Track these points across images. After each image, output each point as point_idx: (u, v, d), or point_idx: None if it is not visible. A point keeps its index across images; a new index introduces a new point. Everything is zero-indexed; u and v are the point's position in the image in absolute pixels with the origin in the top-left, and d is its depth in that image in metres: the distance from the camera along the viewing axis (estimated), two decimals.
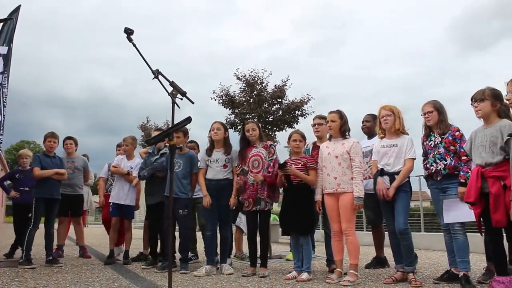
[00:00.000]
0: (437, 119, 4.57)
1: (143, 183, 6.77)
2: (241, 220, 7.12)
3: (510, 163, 3.57)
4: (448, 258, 4.60)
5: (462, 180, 4.19)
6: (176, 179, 5.58)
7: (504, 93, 3.82)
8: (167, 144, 6.06)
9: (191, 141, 7.32)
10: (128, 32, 3.44)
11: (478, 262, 6.07)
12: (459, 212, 4.17)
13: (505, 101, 3.45)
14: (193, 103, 3.44)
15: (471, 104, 4.07)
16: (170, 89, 3.43)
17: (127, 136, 7.00)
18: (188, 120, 3.22)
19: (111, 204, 6.73)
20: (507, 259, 3.98)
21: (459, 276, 4.26)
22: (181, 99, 3.42)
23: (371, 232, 6.35)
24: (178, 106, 3.37)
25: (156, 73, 3.45)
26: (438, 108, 4.59)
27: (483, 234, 4.03)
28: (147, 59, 3.46)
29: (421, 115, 4.70)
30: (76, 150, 7.52)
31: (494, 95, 3.91)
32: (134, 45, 3.46)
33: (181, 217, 5.64)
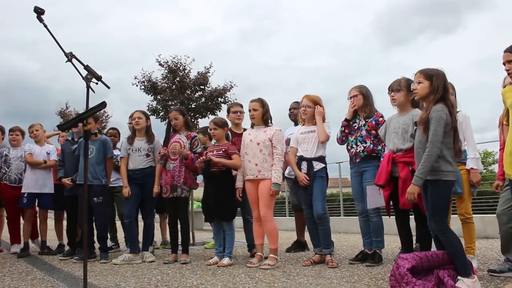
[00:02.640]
0: (361, 102, 4.75)
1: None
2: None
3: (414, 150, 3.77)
4: (362, 240, 4.85)
5: None
6: (89, 166, 5.43)
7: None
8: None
9: (113, 128, 7.11)
10: (38, 11, 3.25)
11: (391, 242, 6.45)
12: (380, 197, 4.33)
13: (411, 89, 3.63)
14: (108, 88, 3.33)
15: (388, 93, 4.27)
16: (84, 73, 3.30)
17: (35, 122, 6.66)
18: (103, 105, 3.12)
19: (25, 195, 6.29)
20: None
21: (372, 252, 4.63)
22: (96, 83, 3.30)
23: (293, 217, 6.52)
24: (93, 91, 3.24)
25: (70, 56, 3.28)
26: (363, 93, 4.78)
27: (391, 216, 4.26)
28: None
29: (348, 99, 4.86)
30: None
31: (408, 86, 4.11)
32: (45, 26, 3.27)
33: (96, 205, 5.49)
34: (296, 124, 6.02)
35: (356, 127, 4.79)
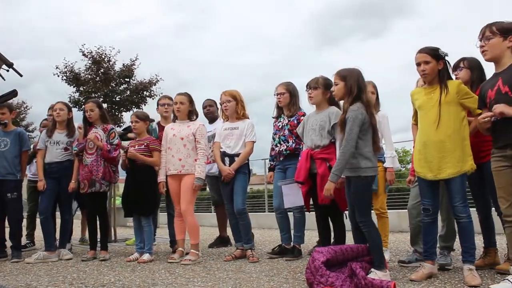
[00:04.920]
0: (288, 101, 4.79)
1: None
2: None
3: (336, 147, 3.92)
4: (280, 235, 4.96)
5: None
6: (3, 159, 5.15)
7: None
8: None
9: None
10: None
11: (312, 237, 6.63)
12: (297, 196, 4.37)
13: (331, 90, 3.73)
14: (21, 75, 3.19)
15: (306, 91, 4.36)
16: None
17: None
18: (13, 93, 2.96)
19: None
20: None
21: (291, 247, 4.74)
22: (7, 70, 3.14)
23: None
24: (3, 78, 3.08)
25: None
26: (290, 91, 4.80)
27: (310, 211, 4.37)
28: None
29: (274, 95, 4.88)
30: None
31: (325, 84, 4.23)
32: None
33: (9, 201, 5.18)
34: (211, 121, 5.95)
35: (280, 126, 4.85)
